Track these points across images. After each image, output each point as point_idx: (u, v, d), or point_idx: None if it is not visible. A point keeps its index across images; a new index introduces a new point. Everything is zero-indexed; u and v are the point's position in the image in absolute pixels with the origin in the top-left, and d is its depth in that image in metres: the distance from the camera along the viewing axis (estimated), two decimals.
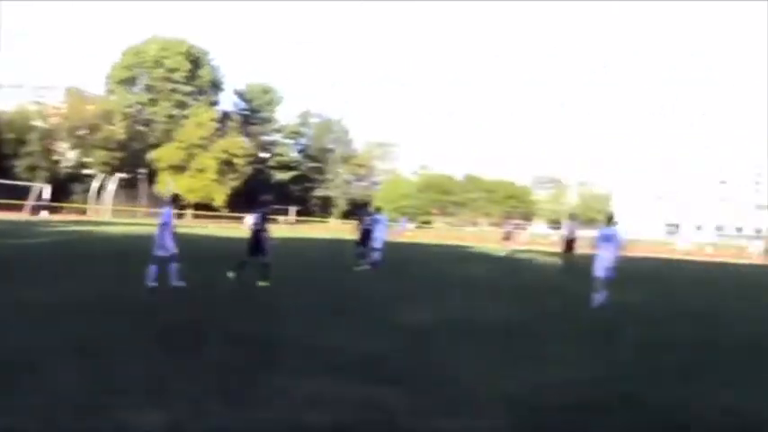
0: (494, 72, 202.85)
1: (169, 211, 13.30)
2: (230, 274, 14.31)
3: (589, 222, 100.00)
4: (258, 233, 14.20)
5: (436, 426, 5.72)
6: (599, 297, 13.64)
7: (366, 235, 20.53)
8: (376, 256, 20.60)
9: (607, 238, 13.88)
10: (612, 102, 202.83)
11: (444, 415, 5.98)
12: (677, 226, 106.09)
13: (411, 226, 51.91)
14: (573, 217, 31.07)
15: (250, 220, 15.68)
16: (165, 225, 12.94)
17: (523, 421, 5.94)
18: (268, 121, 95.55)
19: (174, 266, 12.90)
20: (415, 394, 6.53)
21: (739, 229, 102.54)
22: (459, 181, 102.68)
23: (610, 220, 14.82)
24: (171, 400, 5.88)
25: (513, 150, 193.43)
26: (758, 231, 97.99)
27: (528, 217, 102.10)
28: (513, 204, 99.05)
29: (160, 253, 12.80)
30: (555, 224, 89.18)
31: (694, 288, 21.38)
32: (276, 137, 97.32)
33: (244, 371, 7.06)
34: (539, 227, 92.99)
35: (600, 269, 13.75)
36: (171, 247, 12.87)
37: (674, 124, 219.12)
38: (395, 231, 49.45)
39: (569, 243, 25.18)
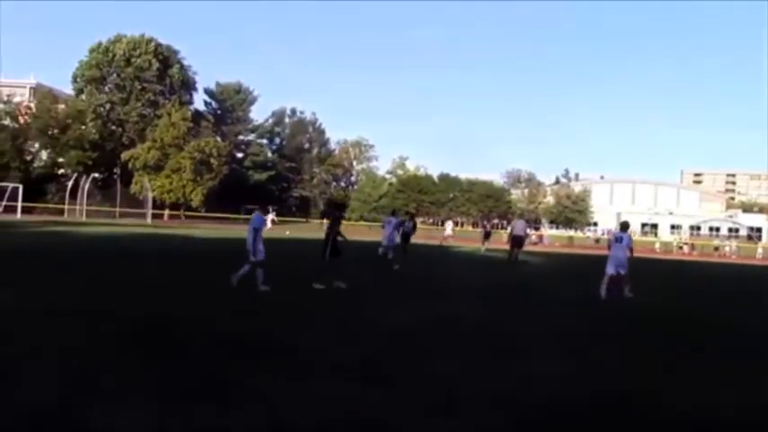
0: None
1: (259, 216, 13.38)
2: (317, 286, 13.71)
3: (567, 222, 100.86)
4: (331, 236, 14.21)
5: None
6: (603, 291, 15.15)
7: (406, 238, 23.25)
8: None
9: (619, 239, 15.55)
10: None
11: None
12: (654, 226, 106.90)
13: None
14: (521, 215, 32.99)
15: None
16: (256, 230, 13.01)
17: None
18: (242, 120, 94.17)
19: (260, 272, 12.95)
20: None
21: (715, 230, 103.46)
22: (436, 180, 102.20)
23: (623, 225, 16.41)
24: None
25: (488, 149, 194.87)
26: (734, 232, 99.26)
27: (505, 216, 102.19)
28: (490, 204, 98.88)
29: (253, 258, 12.93)
30: (533, 224, 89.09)
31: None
32: (251, 136, 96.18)
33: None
34: None
35: (612, 267, 15.29)
36: (261, 253, 12.96)
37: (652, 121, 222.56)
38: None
39: (518, 240, 26.03)
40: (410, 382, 6.67)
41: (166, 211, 72.68)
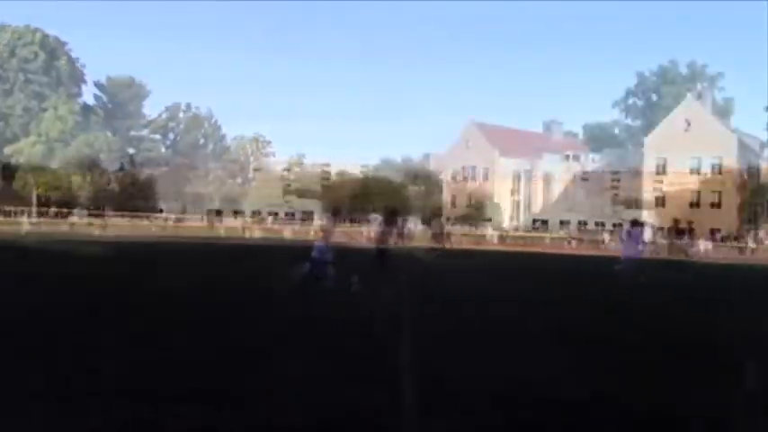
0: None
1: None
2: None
3: (464, 218, 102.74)
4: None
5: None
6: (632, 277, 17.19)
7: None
8: None
9: (631, 235, 18.41)
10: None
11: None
12: (545, 222, 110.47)
13: None
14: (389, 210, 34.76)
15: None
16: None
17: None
18: (134, 115, 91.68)
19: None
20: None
21: (601, 224, 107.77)
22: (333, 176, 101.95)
23: (634, 222, 19.93)
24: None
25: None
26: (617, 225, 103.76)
27: (399, 213, 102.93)
28: (387, 201, 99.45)
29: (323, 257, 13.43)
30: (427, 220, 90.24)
31: None
32: (144, 132, 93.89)
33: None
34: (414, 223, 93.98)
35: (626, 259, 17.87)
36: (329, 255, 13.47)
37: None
38: None
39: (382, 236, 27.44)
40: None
41: (52, 209, 69.59)
